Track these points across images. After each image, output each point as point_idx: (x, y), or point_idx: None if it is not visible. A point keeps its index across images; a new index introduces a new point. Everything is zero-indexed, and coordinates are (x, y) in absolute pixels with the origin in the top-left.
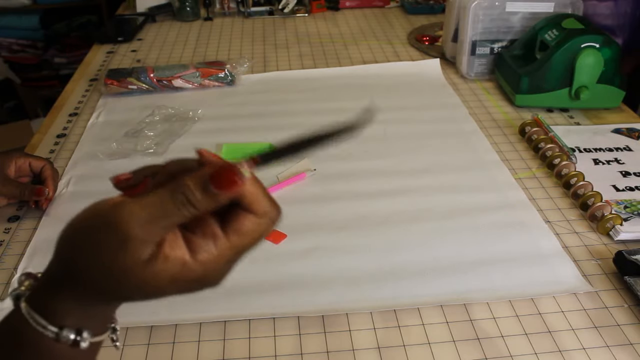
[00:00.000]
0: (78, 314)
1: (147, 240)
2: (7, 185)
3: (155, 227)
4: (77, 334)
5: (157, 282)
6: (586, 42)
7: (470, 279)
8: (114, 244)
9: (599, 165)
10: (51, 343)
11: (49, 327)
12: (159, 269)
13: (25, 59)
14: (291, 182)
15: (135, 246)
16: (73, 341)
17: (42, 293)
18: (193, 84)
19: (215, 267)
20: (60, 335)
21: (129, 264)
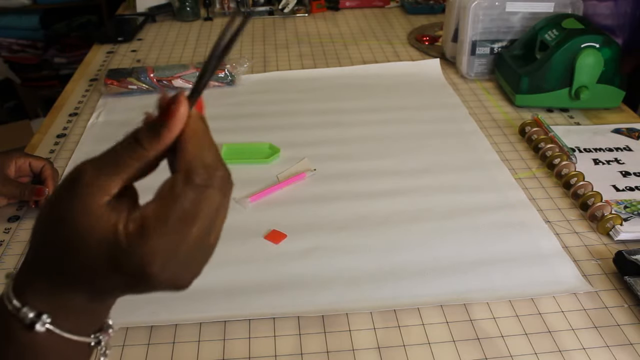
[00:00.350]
0: (46, 298)
1: (99, 185)
2: (7, 185)
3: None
4: (36, 316)
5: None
6: (586, 42)
7: (470, 279)
8: (68, 187)
9: (599, 165)
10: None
11: (13, 302)
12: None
13: (25, 59)
14: (291, 182)
15: (83, 189)
16: (30, 321)
17: (23, 274)
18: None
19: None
20: (19, 312)
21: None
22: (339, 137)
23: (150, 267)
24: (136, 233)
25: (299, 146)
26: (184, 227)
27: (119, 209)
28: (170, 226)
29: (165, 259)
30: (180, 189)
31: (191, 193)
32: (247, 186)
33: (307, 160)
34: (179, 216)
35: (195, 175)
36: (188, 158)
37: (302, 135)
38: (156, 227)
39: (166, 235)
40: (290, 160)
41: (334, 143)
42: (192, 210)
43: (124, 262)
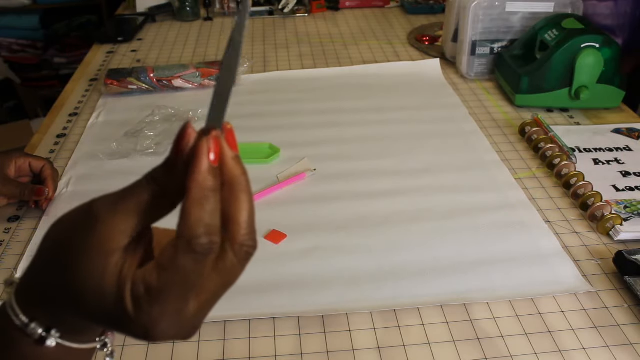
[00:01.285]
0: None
1: (116, 226)
2: (7, 185)
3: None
4: (46, 331)
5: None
6: (586, 42)
7: (470, 279)
8: (84, 224)
9: (599, 165)
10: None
11: (20, 317)
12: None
13: (25, 59)
14: (291, 182)
15: (102, 230)
16: (39, 337)
17: (26, 286)
18: (193, 84)
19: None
20: (27, 327)
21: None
22: (339, 137)
23: (153, 332)
24: (139, 299)
25: (299, 146)
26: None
27: (133, 257)
28: (175, 294)
29: (170, 324)
30: (183, 256)
31: (195, 261)
32: None
33: (307, 160)
34: (183, 283)
35: (197, 240)
36: (191, 223)
37: (302, 135)
38: (160, 297)
39: (171, 304)
40: (290, 160)
41: (334, 143)
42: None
43: (127, 326)
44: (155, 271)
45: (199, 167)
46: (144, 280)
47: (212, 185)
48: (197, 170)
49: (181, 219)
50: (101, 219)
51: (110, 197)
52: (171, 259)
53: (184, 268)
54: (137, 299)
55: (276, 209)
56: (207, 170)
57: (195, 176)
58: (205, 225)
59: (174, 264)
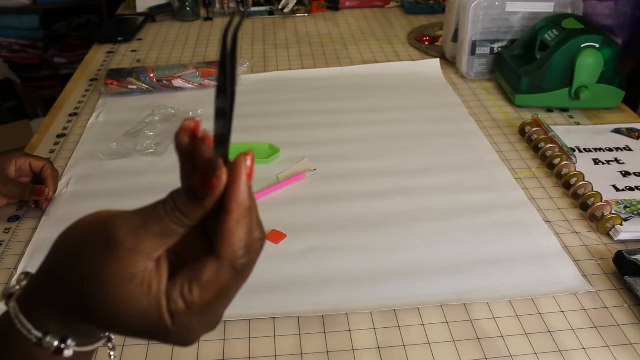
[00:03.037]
0: (64, 321)
1: (136, 251)
2: (7, 185)
3: (144, 234)
4: (61, 342)
5: (129, 307)
6: (586, 42)
7: (470, 279)
8: (103, 248)
9: (599, 165)
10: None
11: (32, 332)
12: (138, 294)
13: (25, 59)
14: (291, 182)
15: (123, 255)
16: (56, 349)
17: (32, 295)
18: (193, 84)
19: (186, 322)
20: (43, 341)
21: (112, 271)
22: (339, 137)
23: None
24: (180, 314)
25: (299, 146)
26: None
27: (160, 274)
28: (215, 308)
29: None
30: (226, 276)
31: (235, 278)
32: None
33: (307, 160)
34: (222, 297)
35: (239, 260)
36: (235, 247)
37: (302, 135)
38: (202, 312)
39: (210, 316)
40: (290, 160)
41: (334, 143)
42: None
43: (166, 337)
44: (196, 289)
45: (240, 189)
46: (184, 297)
47: (250, 206)
48: (238, 192)
49: (223, 239)
50: (124, 244)
51: (132, 221)
52: (214, 279)
53: (226, 286)
54: (177, 315)
55: (276, 209)
56: (247, 191)
57: (237, 198)
58: (245, 246)
59: (218, 284)
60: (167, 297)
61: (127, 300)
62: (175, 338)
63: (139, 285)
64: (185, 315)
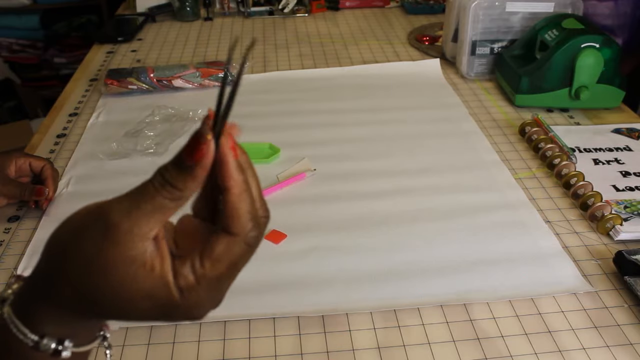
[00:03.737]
0: (60, 321)
1: (134, 232)
2: (7, 185)
3: (139, 214)
4: (59, 343)
5: (133, 289)
6: (586, 42)
7: (470, 279)
8: (100, 233)
9: (599, 165)
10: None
11: (28, 335)
12: (142, 275)
13: (25, 59)
14: (291, 182)
15: (121, 238)
16: (54, 351)
17: (26, 297)
18: (193, 84)
19: (195, 296)
20: (40, 344)
21: (113, 258)
22: (339, 137)
23: (200, 316)
24: (189, 288)
25: (299, 146)
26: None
27: (162, 254)
28: (223, 282)
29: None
30: (238, 251)
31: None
32: None
33: (307, 160)
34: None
35: (250, 233)
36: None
37: (302, 135)
38: (212, 284)
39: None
40: (290, 160)
41: (334, 143)
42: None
43: (174, 313)
44: (208, 263)
45: (229, 166)
46: (195, 271)
47: (245, 178)
48: (228, 169)
49: (230, 216)
50: (120, 226)
51: (123, 203)
52: (226, 253)
53: (237, 260)
54: (186, 289)
55: (276, 209)
56: (236, 166)
57: (229, 174)
58: (252, 218)
59: (229, 258)
60: (175, 273)
61: (131, 283)
62: (183, 313)
63: (142, 267)
64: (195, 290)
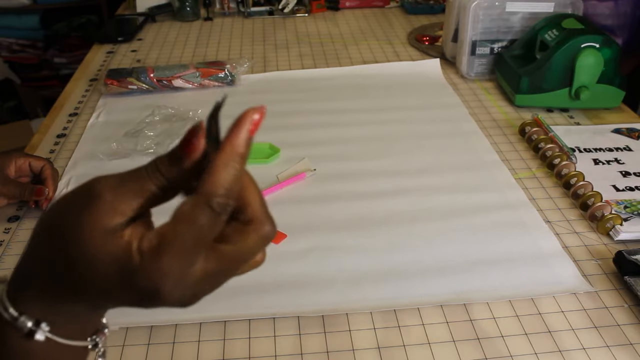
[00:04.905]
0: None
1: (114, 206)
2: (7, 185)
3: (123, 191)
4: (35, 325)
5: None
6: (586, 42)
7: (470, 279)
8: (82, 203)
9: (599, 165)
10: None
11: (9, 310)
12: (111, 243)
13: (25, 59)
14: (291, 182)
15: (100, 208)
16: (29, 330)
17: (17, 279)
18: (193, 84)
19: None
20: (17, 321)
21: (89, 226)
22: (338, 137)
23: (162, 286)
24: (150, 251)
25: (299, 146)
26: (196, 253)
27: (135, 230)
28: (187, 247)
29: (177, 280)
30: (200, 212)
31: (211, 218)
32: None
33: (307, 160)
34: (195, 238)
35: (216, 198)
36: (216, 183)
37: (302, 135)
38: (172, 246)
39: (181, 256)
40: (290, 160)
41: (334, 143)
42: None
43: (136, 280)
44: (170, 222)
45: (239, 133)
46: (157, 233)
47: (243, 153)
48: (236, 135)
49: (206, 175)
50: (102, 197)
51: (113, 178)
52: (188, 213)
53: (198, 222)
54: (147, 251)
55: (276, 209)
56: (246, 138)
57: (232, 140)
58: (227, 188)
59: (190, 217)
60: (142, 237)
61: (101, 249)
62: (144, 279)
63: (111, 235)
64: (156, 252)
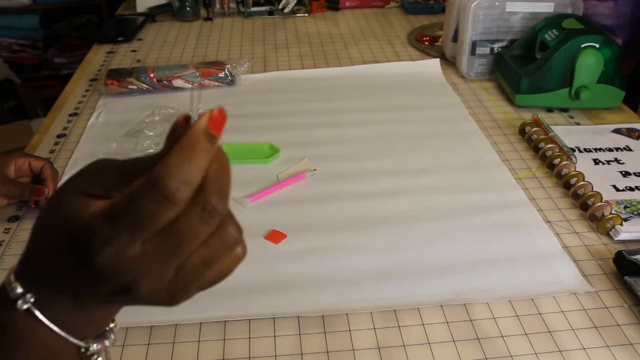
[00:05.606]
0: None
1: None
2: (7, 185)
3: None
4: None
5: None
6: (586, 42)
7: (470, 279)
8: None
9: (599, 165)
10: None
11: (10, 277)
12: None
13: (25, 59)
14: (291, 182)
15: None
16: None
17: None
18: (193, 84)
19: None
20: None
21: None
22: (339, 137)
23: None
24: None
25: (299, 146)
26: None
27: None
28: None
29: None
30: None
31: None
32: (247, 186)
33: (307, 160)
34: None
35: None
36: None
37: (302, 135)
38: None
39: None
40: (290, 160)
41: (334, 143)
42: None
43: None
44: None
45: (197, 125)
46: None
47: (203, 147)
48: (194, 126)
49: (160, 161)
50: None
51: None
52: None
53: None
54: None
55: (276, 209)
56: (204, 129)
57: (191, 130)
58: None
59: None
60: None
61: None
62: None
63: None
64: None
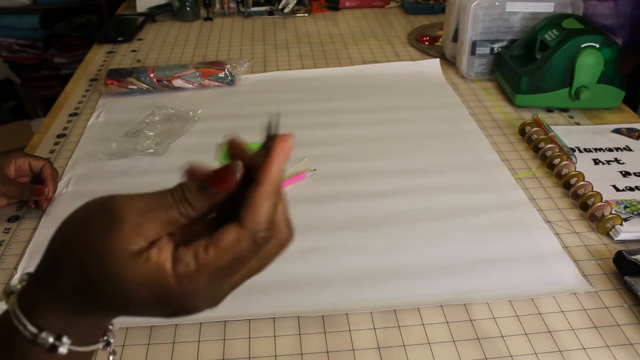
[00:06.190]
0: (61, 315)
1: (140, 231)
2: (7, 185)
3: (150, 217)
4: (57, 339)
5: (130, 279)
6: (586, 42)
7: (470, 279)
8: (105, 224)
9: (599, 165)
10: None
11: (28, 327)
12: (139, 266)
13: (25, 59)
14: (291, 182)
15: (125, 232)
16: (51, 345)
17: (30, 290)
18: (193, 84)
19: (193, 284)
20: (37, 338)
21: (113, 249)
22: (339, 137)
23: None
24: (188, 276)
25: (299, 146)
26: (233, 275)
27: (161, 249)
28: (224, 276)
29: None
30: (244, 245)
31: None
32: None
33: (307, 160)
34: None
35: (260, 232)
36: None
37: (302, 135)
38: (213, 275)
39: (218, 280)
40: (290, 160)
41: (334, 143)
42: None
43: (170, 301)
44: (212, 250)
45: (274, 164)
46: (197, 258)
47: (280, 184)
48: (272, 166)
49: (248, 209)
50: (127, 220)
51: (136, 202)
52: (232, 245)
53: (241, 255)
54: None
55: None
56: (281, 169)
57: (269, 172)
58: (269, 221)
59: (234, 250)
60: (175, 259)
61: (128, 273)
62: (179, 302)
63: (138, 258)
64: (194, 278)
